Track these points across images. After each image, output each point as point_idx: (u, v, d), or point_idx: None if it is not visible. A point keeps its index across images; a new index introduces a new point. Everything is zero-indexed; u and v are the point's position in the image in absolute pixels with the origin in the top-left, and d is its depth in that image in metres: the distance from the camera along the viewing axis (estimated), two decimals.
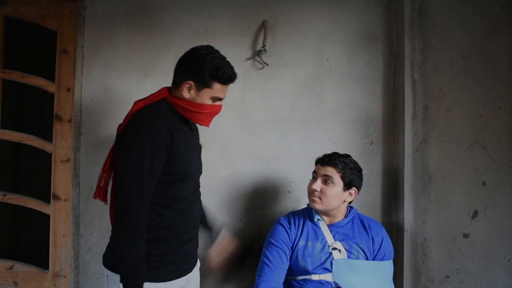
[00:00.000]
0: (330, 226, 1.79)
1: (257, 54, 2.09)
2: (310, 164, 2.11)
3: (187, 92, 1.56)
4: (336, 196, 1.74)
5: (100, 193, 1.64)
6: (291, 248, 1.79)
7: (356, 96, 2.15)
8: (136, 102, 1.60)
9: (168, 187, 1.52)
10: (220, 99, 1.60)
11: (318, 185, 1.75)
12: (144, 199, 1.46)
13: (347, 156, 1.81)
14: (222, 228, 1.80)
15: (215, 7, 2.11)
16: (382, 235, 1.80)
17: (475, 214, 2.08)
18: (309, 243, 1.77)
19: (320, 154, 2.10)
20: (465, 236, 2.07)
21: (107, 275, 1.56)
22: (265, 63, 2.09)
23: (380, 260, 1.77)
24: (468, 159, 2.09)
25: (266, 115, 2.12)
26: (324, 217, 1.81)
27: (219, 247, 1.79)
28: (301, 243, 1.78)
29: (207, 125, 1.64)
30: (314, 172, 1.81)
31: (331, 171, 1.75)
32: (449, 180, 2.08)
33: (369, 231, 1.79)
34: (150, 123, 1.49)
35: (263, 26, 2.10)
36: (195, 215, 1.65)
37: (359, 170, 1.80)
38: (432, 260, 2.06)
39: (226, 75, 1.55)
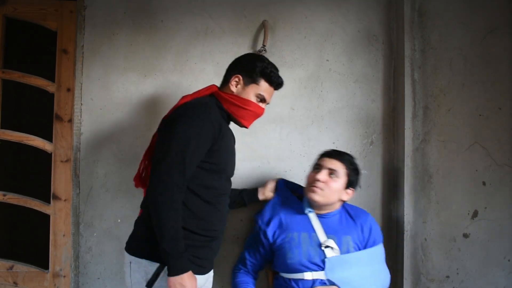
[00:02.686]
0: (319, 217, 1.79)
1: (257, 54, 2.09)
2: (310, 164, 2.11)
3: (234, 86, 1.64)
4: (337, 191, 1.76)
5: (139, 180, 1.69)
6: (271, 246, 1.81)
7: (356, 96, 2.15)
8: (184, 96, 1.66)
9: (203, 176, 1.55)
10: (265, 101, 1.67)
11: (323, 175, 1.74)
12: (184, 177, 1.47)
13: (353, 156, 1.85)
14: None
15: (215, 7, 2.11)
16: (370, 222, 1.81)
17: (475, 214, 2.08)
18: (296, 234, 1.76)
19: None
20: (465, 236, 2.07)
21: (130, 262, 1.57)
22: None
23: (372, 246, 1.77)
24: (468, 159, 2.09)
25: (266, 115, 2.11)
26: (315, 210, 1.81)
27: None
28: (288, 235, 1.77)
29: (247, 126, 1.71)
30: (318, 164, 1.80)
31: (338, 165, 1.76)
32: (449, 180, 2.08)
33: (356, 219, 1.79)
34: (201, 111, 1.55)
35: (263, 26, 2.10)
36: (222, 213, 1.65)
37: (359, 172, 1.85)
38: (432, 260, 2.06)
39: (274, 76, 1.65)
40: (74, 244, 2.05)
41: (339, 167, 1.75)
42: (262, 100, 1.67)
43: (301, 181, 2.10)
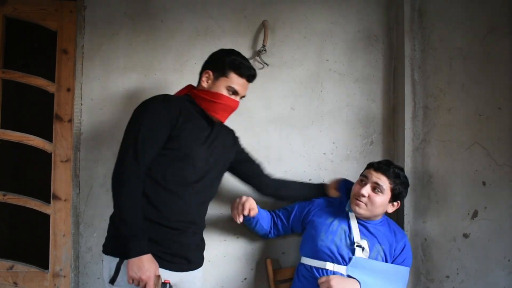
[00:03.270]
0: (359, 220, 1.78)
1: (257, 54, 2.09)
2: (310, 164, 2.12)
3: (205, 82, 1.66)
4: (381, 206, 1.73)
5: None
6: (303, 221, 1.85)
7: (356, 96, 2.15)
8: None
9: (166, 164, 1.56)
10: (237, 93, 1.66)
11: (367, 190, 1.71)
12: (138, 163, 1.49)
13: (401, 168, 1.78)
14: None
15: (215, 7, 2.11)
16: (405, 242, 1.78)
17: (475, 214, 2.08)
18: (336, 222, 1.77)
19: (320, 154, 2.11)
20: (465, 236, 2.07)
21: (102, 260, 1.59)
22: (265, 63, 2.09)
23: (399, 264, 1.74)
24: (468, 159, 2.09)
25: (266, 115, 2.12)
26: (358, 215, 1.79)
27: None
28: (328, 220, 1.78)
29: (222, 120, 1.69)
30: (364, 176, 1.76)
31: (383, 180, 1.71)
32: (449, 180, 2.08)
33: (394, 235, 1.78)
34: (160, 99, 1.59)
35: (263, 26, 2.10)
36: (189, 204, 1.61)
37: (407, 185, 1.78)
38: (432, 260, 2.06)
39: (244, 67, 1.64)
40: (74, 244, 2.05)
41: (384, 182, 1.71)
42: (234, 92, 1.65)
43: (301, 181, 2.11)
